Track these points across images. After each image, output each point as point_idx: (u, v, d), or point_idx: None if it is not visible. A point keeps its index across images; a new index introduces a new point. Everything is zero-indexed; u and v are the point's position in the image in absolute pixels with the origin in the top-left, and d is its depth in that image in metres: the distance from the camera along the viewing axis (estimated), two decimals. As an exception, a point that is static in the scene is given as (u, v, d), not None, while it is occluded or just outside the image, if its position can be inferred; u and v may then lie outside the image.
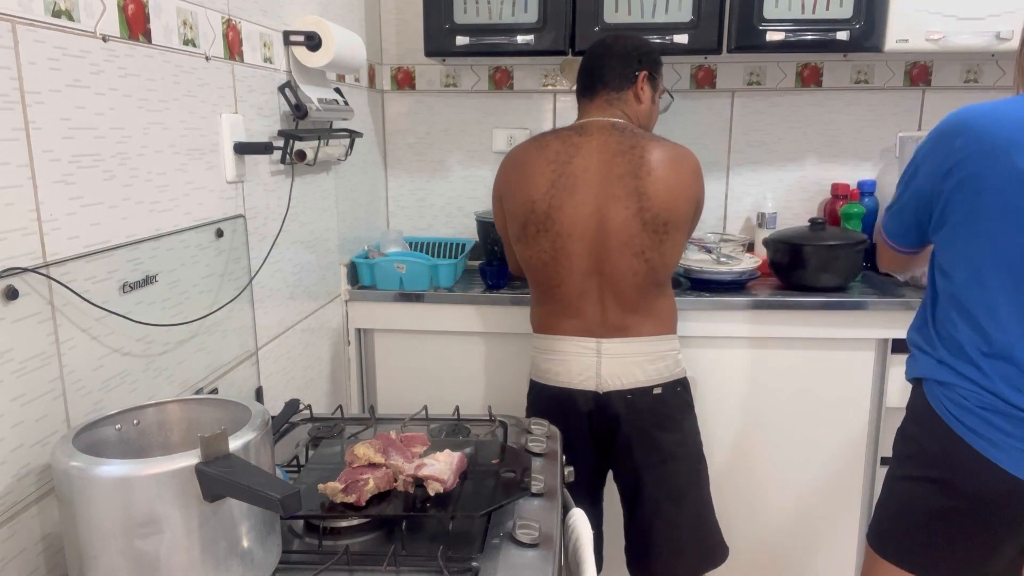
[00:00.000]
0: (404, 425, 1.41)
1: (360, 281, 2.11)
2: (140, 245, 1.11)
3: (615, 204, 1.58)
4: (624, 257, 1.59)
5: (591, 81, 1.69)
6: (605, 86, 1.67)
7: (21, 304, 0.89)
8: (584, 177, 1.59)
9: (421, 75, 2.45)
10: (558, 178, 1.60)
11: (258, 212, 1.50)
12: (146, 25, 1.12)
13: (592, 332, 1.64)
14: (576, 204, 1.59)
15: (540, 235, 1.62)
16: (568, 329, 1.65)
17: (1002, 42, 1.96)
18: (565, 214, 1.59)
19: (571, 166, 1.60)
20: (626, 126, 1.65)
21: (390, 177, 2.55)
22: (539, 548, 1.00)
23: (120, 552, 0.80)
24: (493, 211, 1.80)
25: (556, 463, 1.27)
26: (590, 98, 1.70)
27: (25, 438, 0.91)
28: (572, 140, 1.63)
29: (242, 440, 0.85)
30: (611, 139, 1.61)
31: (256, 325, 1.51)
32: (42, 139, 0.92)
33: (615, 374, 1.63)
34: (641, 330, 1.63)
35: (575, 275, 1.62)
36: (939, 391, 1.28)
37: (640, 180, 1.57)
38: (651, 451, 1.66)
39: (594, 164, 1.60)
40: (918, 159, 1.34)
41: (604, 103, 1.68)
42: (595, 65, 1.69)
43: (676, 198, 1.59)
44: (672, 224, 1.60)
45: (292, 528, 1.06)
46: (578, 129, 1.66)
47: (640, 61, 1.68)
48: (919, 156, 1.34)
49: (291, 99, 1.58)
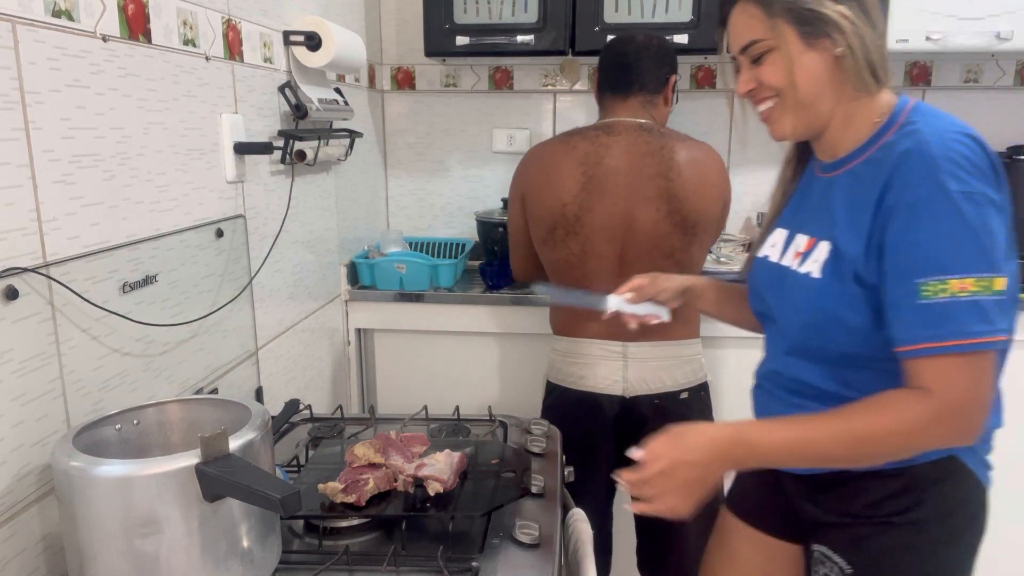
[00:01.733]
0: (404, 425, 1.41)
1: (360, 281, 2.11)
2: (140, 245, 1.11)
3: (646, 205, 1.56)
4: (654, 259, 1.58)
5: (626, 80, 1.64)
6: (642, 88, 1.63)
7: (21, 304, 0.89)
8: (614, 179, 1.57)
9: (421, 75, 2.45)
10: (588, 180, 1.58)
11: (258, 212, 1.50)
12: (146, 25, 1.12)
13: (617, 335, 1.60)
14: (606, 206, 1.57)
15: (569, 237, 1.60)
16: (593, 332, 1.63)
17: (1002, 42, 1.96)
18: (595, 216, 1.57)
19: (601, 167, 1.58)
20: (652, 126, 1.63)
21: (390, 177, 2.54)
22: (539, 548, 1.00)
23: (120, 552, 0.80)
24: (510, 210, 1.75)
25: (556, 463, 1.27)
26: (623, 97, 1.64)
27: (25, 438, 0.91)
28: (600, 140, 1.60)
29: (242, 440, 0.85)
30: (639, 139, 1.59)
31: (256, 325, 1.51)
32: (42, 139, 0.92)
33: (642, 378, 1.61)
34: (666, 333, 1.60)
35: (603, 277, 1.59)
36: None
37: (671, 181, 1.56)
38: None
39: (624, 165, 1.57)
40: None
41: (638, 104, 1.64)
42: (630, 64, 1.63)
43: (705, 199, 1.58)
44: (701, 225, 1.59)
45: (292, 528, 1.06)
46: (605, 128, 1.62)
47: (670, 65, 1.67)
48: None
49: (291, 99, 1.58)
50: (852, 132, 1.01)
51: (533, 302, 2.02)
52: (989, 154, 0.91)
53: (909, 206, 0.89)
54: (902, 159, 0.91)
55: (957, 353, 0.87)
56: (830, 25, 0.95)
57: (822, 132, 1.04)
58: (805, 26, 0.96)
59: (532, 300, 2.02)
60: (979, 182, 0.88)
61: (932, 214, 0.88)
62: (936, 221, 0.88)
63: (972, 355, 0.88)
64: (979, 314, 0.87)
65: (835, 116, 1.01)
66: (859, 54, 0.96)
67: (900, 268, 0.91)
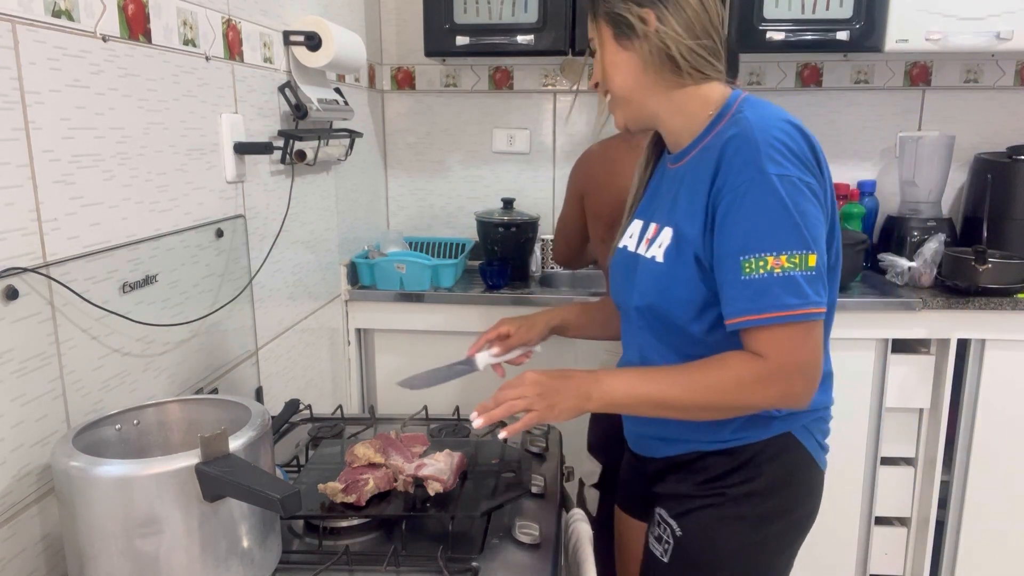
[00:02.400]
0: (404, 425, 1.41)
1: (360, 281, 2.11)
2: (140, 245, 1.11)
3: None
4: None
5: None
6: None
7: (21, 304, 0.89)
8: None
9: (421, 75, 2.45)
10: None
11: (258, 212, 1.50)
12: (146, 25, 1.12)
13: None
14: None
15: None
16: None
17: (1002, 42, 1.97)
18: None
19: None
20: None
21: (390, 177, 2.54)
22: (539, 548, 1.00)
23: (120, 552, 0.80)
24: (564, 206, 1.73)
25: (556, 463, 1.27)
26: None
27: (25, 438, 0.91)
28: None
29: (242, 440, 0.85)
30: None
31: (256, 325, 1.51)
32: (42, 139, 0.92)
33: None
34: None
35: None
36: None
37: None
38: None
39: None
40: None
41: None
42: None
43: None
44: None
45: (292, 528, 1.06)
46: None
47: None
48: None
49: (291, 99, 1.58)
50: (687, 124, 1.08)
51: (533, 302, 2.02)
52: (810, 141, 0.99)
53: (733, 188, 0.97)
54: (728, 144, 0.99)
55: (776, 324, 0.96)
56: (633, 27, 1.04)
57: (655, 124, 1.12)
58: (617, 28, 1.06)
59: (532, 300, 2.02)
60: (795, 167, 0.96)
61: (753, 196, 0.96)
62: (756, 202, 0.96)
63: (790, 325, 0.96)
64: (793, 288, 0.95)
65: (662, 109, 1.08)
66: (654, 53, 1.04)
67: (725, 246, 0.99)
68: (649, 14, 1.03)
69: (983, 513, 2.06)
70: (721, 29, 1.07)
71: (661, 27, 1.03)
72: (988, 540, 2.08)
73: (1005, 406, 2.01)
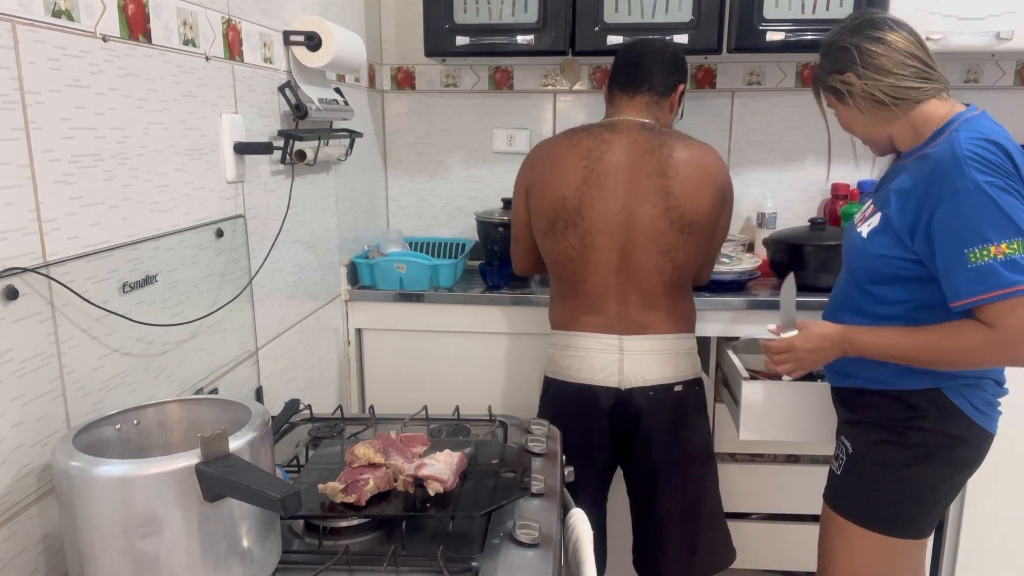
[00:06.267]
0: (404, 425, 1.41)
1: (360, 281, 2.11)
2: (140, 245, 1.11)
3: (643, 202, 1.59)
4: (651, 255, 1.60)
5: (637, 79, 1.68)
6: (651, 89, 1.67)
7: (21, 304, 0.89)
8: (614, 174, 1.60)
9: (421, 75, 2.45)
10: (589, 174, 1.61)
11: (258, 212, 1.50)
12: (146, 25, 1.12)
13: (613, 329, 1.63)
14: (606, 200, 1.60)
15: (569, 230, 1.62)
16: (589, 325, 1.65)
17: (1002, 42, 1.96)
18: (595, 210, 1.60)
19: (602, 163, 1.61)
20: (654, 125, 1.66)
21: (390, 177, 2.54)
22: (539, 548, 1.00)
23: (120, 552, 0.80)
24: (514, 203, 1.78)
25: (556, 463, 1.27)
26: (630, 96, 1.68)
27: (25, 438, 0.91)
28: (603, 136, 1.63)
29: (242, 440, 0.85)
30: (640, 137, 1.62)
31: (256, 325, 1.51)
32: (42, 139, 0.92)
33: (637, 371, 1.63)
34: (661, 327, 1.64)
35: (601, 271, 1.62)
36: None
37: (668, 179, 1.59)
38: (670, 449, 1.66)
39: (623, 161, 1.60)
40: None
41: (643, 105, 1.68)
42: (643, 64, 1.68)
43: (702, 198, 1.60)
44: (698, 224, 1.61)
45: (292, 528, 1.06)
46: (608, 126, 1.66)
47: (681, 73, 1.71)
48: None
49: (291, 99, 1.58)
50: (916, 135, 1.34)
51: (533, 302, 2.02)
52: (1008, 153, 1.22)
53: (951, 195, 1.21)
54: (939, 158, 1.24)
55: (1004, 300, 1.18)
56: (842, 91, 1.37)
57: (895, 146, 1.40)
58: (834, 94, 1.40)
59: (532, 300, 2.02)
60: (995, 175, 1.20)
61: (970, 199, 1.19)
62: (973, 204, 1.19)
63: (1017, 299, 1.17)
64: (1017, 268, 1.18)
65: (894, 134, 1.37)
66: (866, 101, 1.34)
67: (949, 243, 1.22)
68: (850, 76, 1.33)
69: (983, 513, 2.06)
70: (919, 51, 1.31)
71: (861, 81, 1.32)
72: (988, 540, 2.08)
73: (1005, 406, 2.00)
